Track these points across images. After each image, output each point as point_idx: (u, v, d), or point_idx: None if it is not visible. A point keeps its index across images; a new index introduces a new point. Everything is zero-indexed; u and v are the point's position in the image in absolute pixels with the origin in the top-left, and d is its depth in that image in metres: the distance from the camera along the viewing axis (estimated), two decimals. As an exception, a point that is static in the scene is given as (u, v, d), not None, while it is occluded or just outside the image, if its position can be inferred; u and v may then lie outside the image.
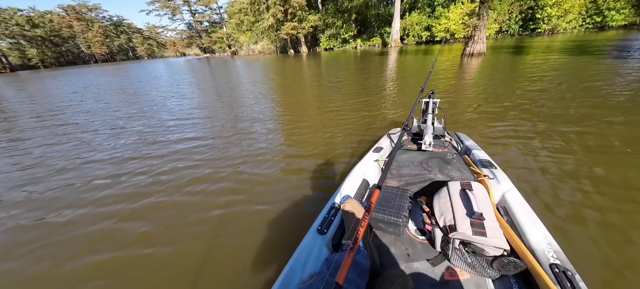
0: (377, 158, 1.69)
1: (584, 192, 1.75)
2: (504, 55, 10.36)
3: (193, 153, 3.03)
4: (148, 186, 2.37)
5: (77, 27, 56.27)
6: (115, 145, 3.51)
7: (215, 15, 52.72)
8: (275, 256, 1.45)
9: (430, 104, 1.82)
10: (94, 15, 60.26)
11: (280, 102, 5.50)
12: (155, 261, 1.52)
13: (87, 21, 58.20)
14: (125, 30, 69.10)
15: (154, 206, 2.05)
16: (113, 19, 65.24)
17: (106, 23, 63.74)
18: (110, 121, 4.83)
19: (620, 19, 19.76)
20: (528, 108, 3.60)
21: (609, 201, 1.66)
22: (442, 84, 5.78)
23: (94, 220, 1.94)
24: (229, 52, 46.31)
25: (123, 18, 68.19)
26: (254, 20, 32.17)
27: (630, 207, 1.59)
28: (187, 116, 4.82)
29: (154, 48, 73.94)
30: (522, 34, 22.02)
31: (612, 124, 2.81)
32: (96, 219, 1.94)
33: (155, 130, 4.06)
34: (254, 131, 3.69)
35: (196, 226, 1.79)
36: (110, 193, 2.29)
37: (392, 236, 1.18)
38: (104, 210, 2.05)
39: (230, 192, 2.16)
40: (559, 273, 0.79)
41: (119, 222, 1.89)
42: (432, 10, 24.09)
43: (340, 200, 1.25)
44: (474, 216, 0.99)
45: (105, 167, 2.82)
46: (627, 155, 2.18)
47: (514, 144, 2.55)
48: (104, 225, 1.86)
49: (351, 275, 0.79)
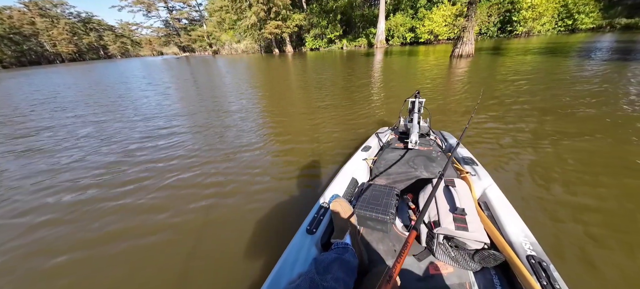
0: (366, 157, 1.74)
1: (559, 188, 1.89)
2: (491, 56, 10.40)
3: (176, 153, 2.99)
4: (131, 192, 2.30)
5: (41, 23, 52.59)
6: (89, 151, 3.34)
7: (194, 12, 51.39)
8: (264, 257, 1.46)
9: (416, 103, 1.89)
10: (59, 11, 56.66)
11: (267, 103, 5.46)
12: (141, 263, 1.51)
13: (51, 17, 54.57)
14: (95, 27, 65.59)
15: (139, 208, 2.00)
16: (81, 15, 61.72)
17: (73, 20, 60.08)
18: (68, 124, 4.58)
19: (589, 22, 21.39)
20: (517, 108, 3.69)
21: (580, 196, 1.79)
22: (429, 88, 5.68)
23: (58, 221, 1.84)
24: (210, 51, 45.29)
25: (92, 14, 64.66)
26: (236, 19, 31.70)
27: (601, 199, 1.74)
28: (165, 115, 4.66)
29: (127, 46, 70.64)
30: (500, 36, 23.21)
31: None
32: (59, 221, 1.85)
33: (130, 130, 3.91)
34: (240, 131, 3.66)
35: (182, 228, 1.77)
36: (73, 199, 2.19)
37: (380, 233, 1.21)
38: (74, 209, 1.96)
39: (217, 194, 2.14)
40: (535, 263, 0.85)
41: (102, 226, 1.85)
42: (414, 11, 24.87)
43: (329, 199, 1.28)
44: (457, 211, 1.05)
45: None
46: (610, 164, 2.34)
47: (495, 142, 2.69)
48: (78, 227, 1.78)
49: (339, 274, 0.81)
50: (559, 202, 1.72)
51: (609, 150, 2.35)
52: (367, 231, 1.23)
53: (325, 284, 0.75)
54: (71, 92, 9.02)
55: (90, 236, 1.78)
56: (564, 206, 1.68)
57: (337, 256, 0.88)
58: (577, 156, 2.26)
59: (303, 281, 0.77)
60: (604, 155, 2.27)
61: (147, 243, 1.67)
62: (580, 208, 1.66)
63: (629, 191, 1.78)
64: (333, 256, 0.88)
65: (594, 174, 1.99)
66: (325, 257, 0.87)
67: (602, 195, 1.75)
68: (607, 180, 1.90)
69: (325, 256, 0.89)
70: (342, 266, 0.84)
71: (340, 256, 0.89)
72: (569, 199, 1.75)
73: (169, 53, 58.89)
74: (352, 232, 1.07)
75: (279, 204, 1.93)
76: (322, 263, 0.84)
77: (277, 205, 1.92)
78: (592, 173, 2.00)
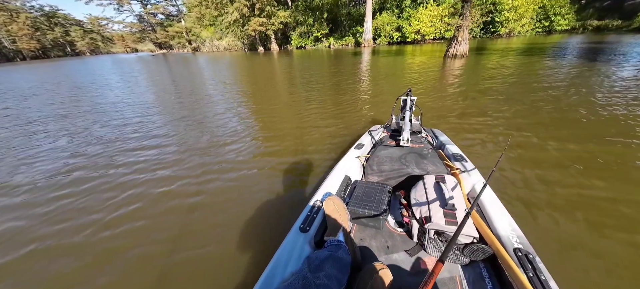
0: (359, 155, 1.77)
1: (543, 183, 2.01)
2: (485, 57, 10.21)
3: (164, 152, 2.97)
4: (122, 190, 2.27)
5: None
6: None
7: (171, 7, 49.87)
8: (258, 256, 1.48)
9: (407, 101, 1.95)
10: (19, 5, 52.80)
11: (256, 101, 5.41)
12: (133, 261, 1.52)
13: (10, 11, 50.86)
14: (61, 22, 61.81)
15: (133, 206, 1.95)
16: (44, 8, 57.95)
17: (36, 14, 56.31)
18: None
19: (564, 24, 22.95)
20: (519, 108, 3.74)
21: (563, 187, 1.92)
22: (425, 92, 5.28)
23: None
24: (189, 48, 44.06)
25: (57, 8, 60.80)
26: (217, 14, 31.02)
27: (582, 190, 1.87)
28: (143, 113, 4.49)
29: (98, 43, 66.94)
30: (483, 36, 24.28)
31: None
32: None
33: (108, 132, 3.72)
34: (231, 130, 3.64)
35: (174, 228, 1.77)
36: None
37: (373, 229, 1.24)
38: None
39: (209, 194, 2.15)
40: (521, 256, 0.91)
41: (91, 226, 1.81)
42: (400, 11, 25.47)
43: (322, 197, 1.29)
44: (447, 207, 1.09)
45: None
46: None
47: (484, 139, 2.82)
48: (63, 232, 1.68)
49: (332, 271, 0.82)
50: (545, 196, 1.84)
51: (606, 149, 2.45)
52: (360, 228, 1.26)
53: (318, 282, 0.76)
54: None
55: (79, 241, 1.73)
56: (550, 199, 1.79)
57: (330, 253, 0.89)
58: (565, 155, 2.39)
59: (296, 280, 0.77)
60: (598, 154, 2.37)
61: (140, 243, 1.67)
62: (564, 200, 1.78)
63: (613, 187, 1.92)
64: (326, 253, 0.89)
65: (578, 170, 2.13)
66: (318, 255, 0.88)
67: (586, 190, 1.89)
68: (595, 174, 2.05)
69: (318, 254, 0.90)
70: (335, 263, 0.86)
71: (333, 253, 0.90)
72: (553, 192, 1.87)
73: (145, 50, 56.69)
74: (345, 229, 1.09)
75: (273, 203, 1.95)
76: (315, 260, 0.85)
77: (271, 204, 1.94)
78: (576, 169, 2.14)
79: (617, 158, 2.27)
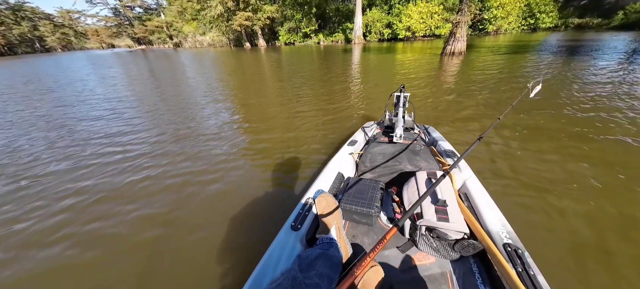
0: (352, 151, 1.79)
1: (532, 180, 2.09)
2: (483, 55, 10.13)
3: (152, 152, 2.93)
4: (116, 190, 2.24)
5: (-46, 9, 45.77)
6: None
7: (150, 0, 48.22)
8: (249, 255, 1.48)
9: (401, 98, 1.98)
10: (-20, -4, 49.76)
11: (245, 98, 5.36)
12: (125, 261, 1.53)
13: (-32, 2, 47.73)
14: (29, 15, 58.45)
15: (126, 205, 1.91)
16: (9, 1, 54.61)
17: (0, 7, 53.07)
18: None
19: (548, 22, 24.02)
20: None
21: (550, 184, 2.01)
22: (424, 91, 5.13)
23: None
24: (170, 44, 42.82)
25: (24, 1, 57.46)
26: (200, 8, 30.29)
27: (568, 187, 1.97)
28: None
29: (70, 38, 63.73)
30: (472, 34, 24.96)
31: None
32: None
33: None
34: (220, 128, 3.64)
35: (160, 227, 1.77)
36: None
37: (365, 226, 1.26)
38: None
39: (201, 191, 2.15)
40: (510, 251, 0.94)
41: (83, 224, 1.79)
42: (389, 7, 25.77)
43: (314, 194, 1.30)
44: (438, 203, 1.12)
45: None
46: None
47: (477, 135, 2.87)
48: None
49: (323, 269, 0.82)
50: (535, 192, 1.91)
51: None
52: (353, 225, 1.28)
53: (309, 281, 0.76)
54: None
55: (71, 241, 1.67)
56: (539, 196, 1.87)
57: (321, 251, 0.90)
58: (557, 154, 2.46)
59: (285, 280, 0.77)
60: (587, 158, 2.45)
61: (129, 242, 1.67)
62: (554, 198, 1.86)
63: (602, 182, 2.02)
64: (317, 252, 0.90)
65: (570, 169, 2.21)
66: (310, 253, 0.89)
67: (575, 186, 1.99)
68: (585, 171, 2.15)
69: (309, 252, 0.90)
70: (326, 261, 0.86)
71: (325, 251, 0.91)
72: (544, 189, 1.95)
73: (122, 46, 54.73)
74: (338, 226, 1.10)
75: (263, 201, 1.96)
76: (306, 259, 0.85)
77: (261, 202, 1.95)
78: (566, 168, 2.23)
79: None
